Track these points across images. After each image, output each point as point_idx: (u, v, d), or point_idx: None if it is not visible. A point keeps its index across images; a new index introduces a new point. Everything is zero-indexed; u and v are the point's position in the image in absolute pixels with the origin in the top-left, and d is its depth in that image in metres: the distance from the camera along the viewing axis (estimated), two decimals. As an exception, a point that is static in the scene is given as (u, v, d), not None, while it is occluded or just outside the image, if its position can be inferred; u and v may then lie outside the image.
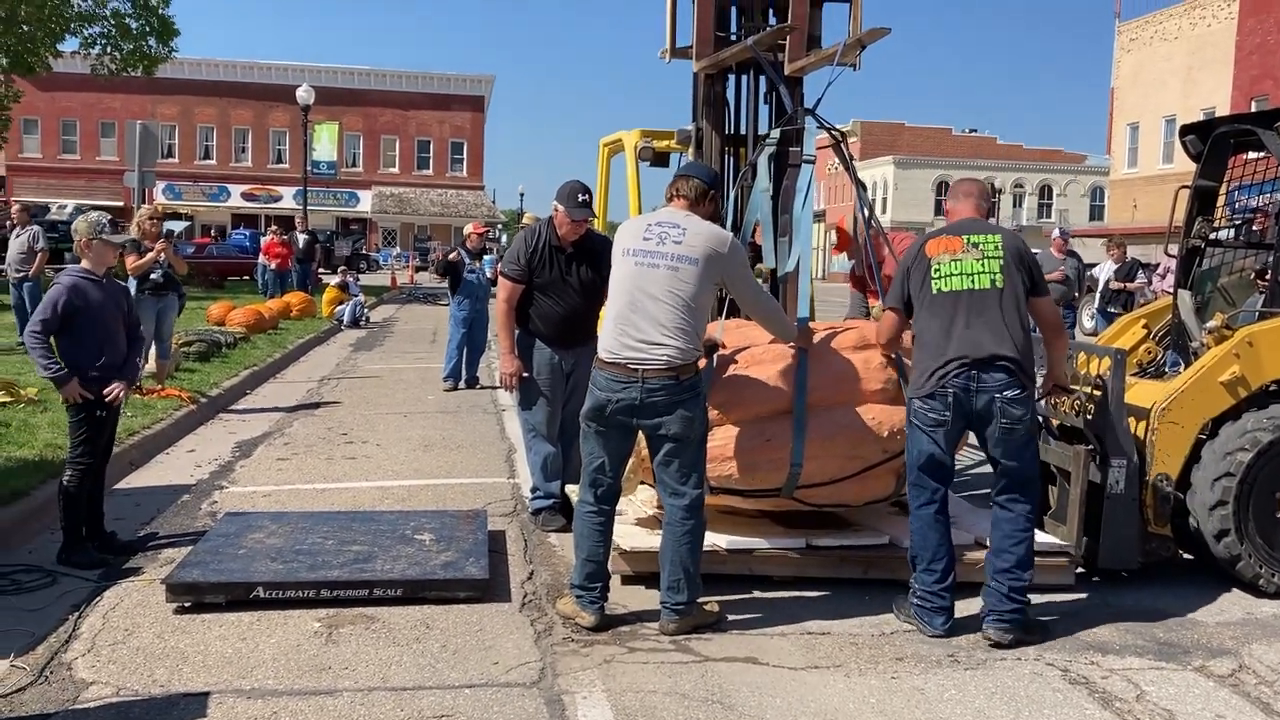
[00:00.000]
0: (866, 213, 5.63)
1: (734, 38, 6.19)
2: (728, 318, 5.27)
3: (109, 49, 26.14)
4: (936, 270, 4.50)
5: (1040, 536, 5.17)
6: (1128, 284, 13.97)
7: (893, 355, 4.99)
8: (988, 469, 4.80)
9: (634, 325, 4.30)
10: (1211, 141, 6.10)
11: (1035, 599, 4.66)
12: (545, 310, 5.92)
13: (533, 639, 4.36)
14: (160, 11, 26.18)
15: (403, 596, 4.70)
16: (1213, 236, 6.36)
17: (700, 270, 4.28)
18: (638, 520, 5.36)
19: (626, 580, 4.99)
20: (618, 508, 4.68)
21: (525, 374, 5.95)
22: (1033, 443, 4.49)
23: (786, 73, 5.83)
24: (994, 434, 4.42)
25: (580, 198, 5.75)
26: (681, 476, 4.36)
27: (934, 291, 4.50)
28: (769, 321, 4.78)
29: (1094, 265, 15.08)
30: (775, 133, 5.57)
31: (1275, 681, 4.11)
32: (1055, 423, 5.54)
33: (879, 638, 4.46)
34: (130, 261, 9.19)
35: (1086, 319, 18.58)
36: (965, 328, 4.44)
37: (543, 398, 5.99)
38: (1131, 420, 5.13)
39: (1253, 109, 33.77)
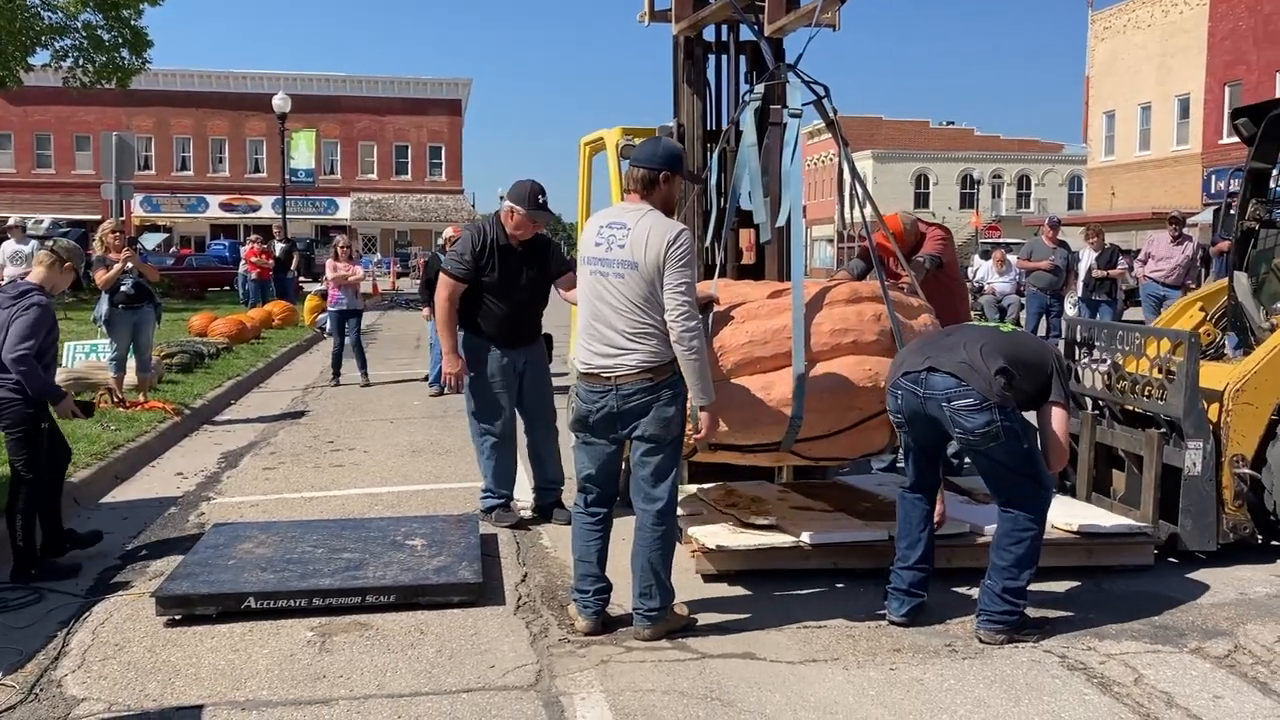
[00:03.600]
0: (847, 167, 5.56)
1: (712, 1, 6.18)
2: (720, 276, 5.27)
3: (81, 61, 25.94)
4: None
5: (1118, 519, 5.28)
6: (1110, 271, 14.05)
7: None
8: None
9: (600, 335, 4.25)
10: (1266, 124, 6.13)
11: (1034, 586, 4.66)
12: (491, 310, 5.89)
13: (529, 641, 4.34)
14: (132, 23, 25.99)
15: (396, 603, 4.67)
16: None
17: (641, 273, 4.15)
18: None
19: (709, 579, 5.01)
20: (691, 509, 4.78)
21: (470, 374, 5.98)
22: (1015, 455, 4.24)
23: (766, 34, 5.81)
24: (961, 443, 4.36)
25: (540, 199, 5.73)
26: (656, 479, 4.30)
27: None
28: (685, 356, 4.16)
29: (1076, 253, 15.14)
30: (759, 88, 5.49)
31: (1271, 661, 4.12)
32: (1119, 407, 5.60)
33: (875, 630, 4.45)
34: (98, 276, 9.12)
35: (1069, 307, 18.65)
36: (946, 335, 4.54)
37: (496, 400, 6.00)
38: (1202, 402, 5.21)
39: (1227, 95, 34.03)
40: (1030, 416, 4.36)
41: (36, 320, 5.16)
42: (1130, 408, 5.66)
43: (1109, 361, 5.69)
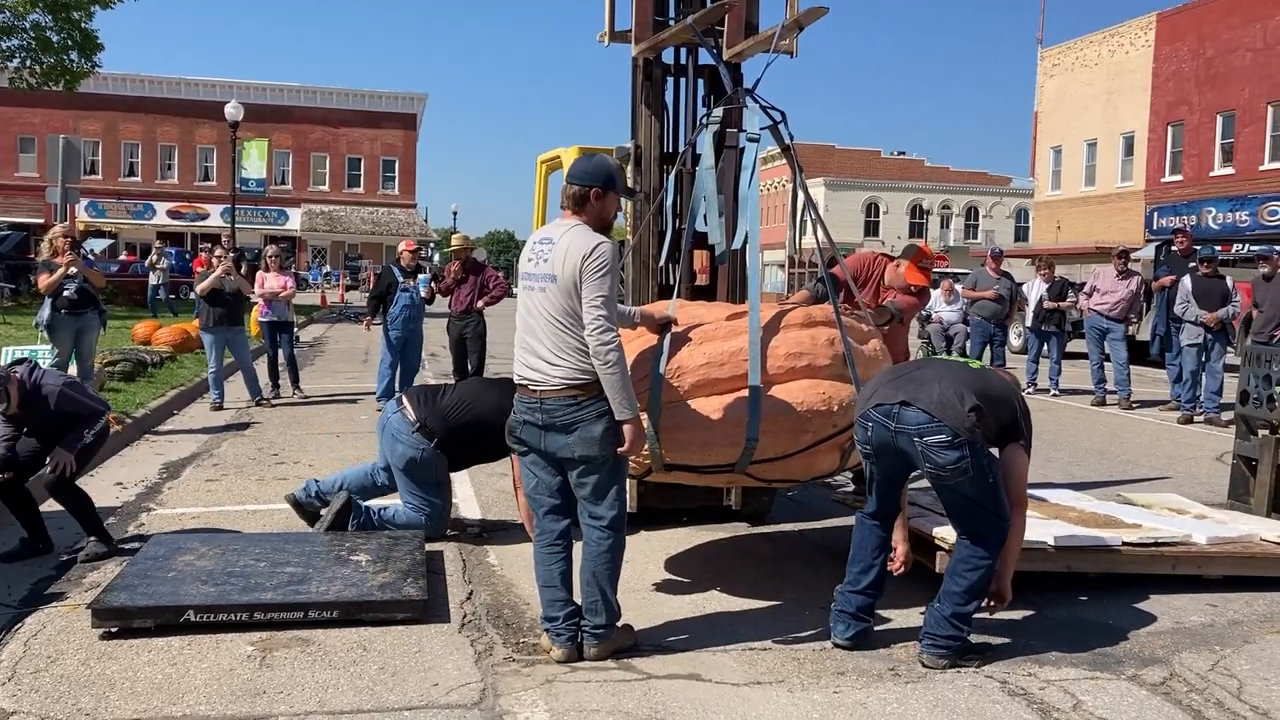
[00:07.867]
0: (802, 195, 5.62)
1: (672, 23, 6.26)
2: (678, 297, 5.27)
3: (28, 62, 25.50)
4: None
5: None
6: (1060, 303, 14.32)
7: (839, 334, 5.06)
8: None
9: (529, 348, 4.25)
10: None
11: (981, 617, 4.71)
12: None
13: (473, 659, 4.30)
14: (83, 25, 25.60)
15: (339, 618, 4.61)
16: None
17: (561, 286, 4.13)
18: None
19: None
20: (915, 512, 4.96)
21: None
22: (982, 489, 4.26)
23: (725, 58, 5.88)
24: (930, 478, 4.36)
25: None
26: (596, 498, 4.27)
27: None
28: (602, 370, 4.10)
29: (1021, 284, 15.41)
30: (717, 112, 5.53)
31: (1205, 689, 4.20)
32: None
33: (820, 653, 4.47)
34: (41, 280, 8.96)
35: (1014, 337, 18.95)
36: (917, 368, 4.56)
37: None
38: None
39: (1170, 134, 34.85)
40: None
41: None
42: None
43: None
